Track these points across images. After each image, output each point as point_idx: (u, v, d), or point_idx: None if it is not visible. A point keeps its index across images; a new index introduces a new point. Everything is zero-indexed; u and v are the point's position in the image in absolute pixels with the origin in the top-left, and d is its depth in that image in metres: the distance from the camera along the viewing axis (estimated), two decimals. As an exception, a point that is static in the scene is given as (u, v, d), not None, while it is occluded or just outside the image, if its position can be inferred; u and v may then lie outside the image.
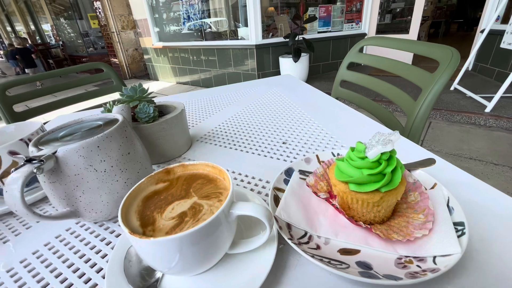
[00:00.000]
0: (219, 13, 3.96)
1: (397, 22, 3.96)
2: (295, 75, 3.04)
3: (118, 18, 5.14)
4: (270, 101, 0.67)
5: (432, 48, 0.57)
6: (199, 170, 0.26)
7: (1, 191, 0.35)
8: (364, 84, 0.80)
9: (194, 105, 0.71)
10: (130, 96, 0.39)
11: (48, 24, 8.82)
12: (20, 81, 0.99)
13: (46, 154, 0.24)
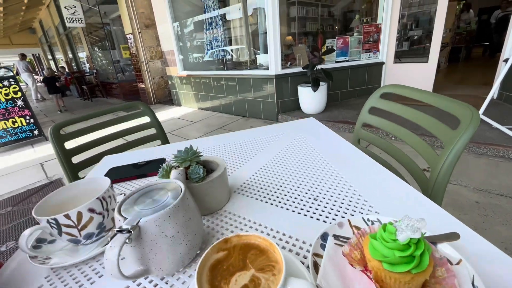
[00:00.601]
0: (240, 42, 4.21)
1: (415, 49, 4.00)
2: (314, 104, 3.12)
3: (147, 49, 5.59)
4: (297, 149, 0.72)
5: (452, 104, 0.61)
6: (251, 241, 0.31)
7: (78, 241, 0.41)
8: (386, 129, 0.83)
9: (227, 151, 0.77)
10: (184, 158, 0.45)
11: (84, 53, 9.71)
12: (72, 121, 1.11)
13: (132, 225, 0.30)
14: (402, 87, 0.78)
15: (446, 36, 6.04)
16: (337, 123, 2.83)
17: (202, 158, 0.49)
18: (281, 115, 3.36)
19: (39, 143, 4.00)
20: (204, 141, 0.89)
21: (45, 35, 13.30)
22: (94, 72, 8.52)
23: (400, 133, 0.76)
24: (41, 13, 11.19)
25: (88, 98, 8.08)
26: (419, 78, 3.59)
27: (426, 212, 0.42)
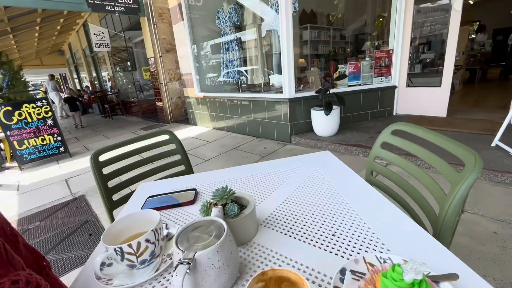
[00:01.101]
0: (254, 63, 4.40)
1: (428, 72, 4.06)
2: (327, 126, 3.19)
3: (167, 71, 5.92)
4: (315, 183, 0.79)
5: (457, 148, 0.67)
6: (284, 274, 0.38)
7: (134, 266, 0.50)
8: (397, 163, 0.89)
9: (250, 183, 0.86)
10: (221, 196, 0.54)
11: (107, 73, 10.34)
12: (109, 148, 1.23)
13: (189, 258, 0.38)
14: (412, 126, 0.85)
15: (459, 59, 6.07)
16: (350, 146, 2.87)
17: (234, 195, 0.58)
18: (294, 137, 3.44)
19: (64, 160, 4.23)
20: (227, 173, 0.98)
21: (72, 57, 14.30)
22: (116, 92, 9.01)
23: (411, 169, 0.82)
24: (70, 37, 12.12)
25: (109, 116, 8.50)
26: (432, 102, 3.61)
27: (433, 252, 0.48)
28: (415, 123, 3.36)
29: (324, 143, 3.10)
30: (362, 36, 6.80)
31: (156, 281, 0.49)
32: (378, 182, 0.99)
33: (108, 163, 1.19)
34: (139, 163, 1.31)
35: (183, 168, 1.40)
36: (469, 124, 3.11)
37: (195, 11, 4.86)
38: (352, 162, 2.64)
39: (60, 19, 8.32)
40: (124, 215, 0.54)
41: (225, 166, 2.99)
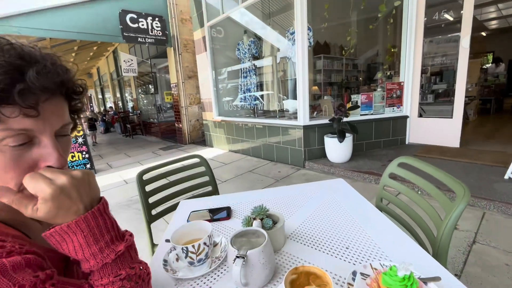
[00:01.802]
0: (269, 88, 4.68)
1: (440, 102, 4.17)
2: (340, 153, 3.32)
3: (188, 96, 6.33)
4: (331, 207, 0.94)
5: (451, 180, 0.81)
6: (311, 270, 0.53)
7: (193, 263, 0.65)
8: (402, 192, 1.03)
9: (274, 204, 1.01)
10: (259, 212, 0.70)
11: (131, 95, 11.04)
12: (152, 168, 1.42)
13: (243, 254, 0.54)
14: (415, 160, 0.99)
15: (472, 90, 6.15)
16: (362, 173, 2.97)
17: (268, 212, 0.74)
18: (308, 162, 3.58)
19: (89, 176, 4.51)
20: (253, 194, 1.14)
21: (99, 79, 15.40)
22: (138, 113, 9.56)
23: (413, 197, 0.96)
24: (100, 62, 13.16)
25: (129, 135, 8.96)
26: (445, 132, 3.69)
27: (427, 266, 0.61)
28: (427, 152, 3.44)
29: (337, 169, 3.22)
30: (374, 65, 7.07)
31: (209, 276, 0.64)
32: (386, 208, 1.12)
33: (150, 182, 1.38)
34: (174, 182, 1.48)
35: (210, 188, 1.57)
36: (482, 156, 3.16)
37: (217, 42, 5.31)
38: (364, 189, 2.73)
39: (94, 47, 9.17)
40: (186, 224, 0.71)
41: (241, 188, 3.14)
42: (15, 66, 0.37)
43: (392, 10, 4.02)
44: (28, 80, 0.37)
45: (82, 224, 0.41)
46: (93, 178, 0.45)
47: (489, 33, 10.20)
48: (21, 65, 0.37)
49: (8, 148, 0.37)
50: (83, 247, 0.41)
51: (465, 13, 3.32)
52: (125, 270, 0.44)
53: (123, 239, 0.46)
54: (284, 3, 4.40)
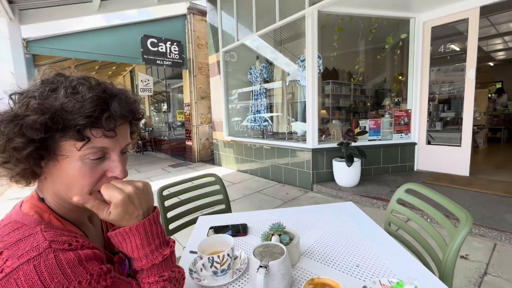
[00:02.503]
0: (279, 110, 4.83)
1: (448, 129, 4.20)
2: (348, 178, 3.36)
3: (199, 115, 6.55)
4: (342, 228, 1.00)
5: (455, 207, 0.87)
6: (326, 281, 0.59)
7: (216, 272, 0.72)
8: (410, 217, 1.08)
9: (287, 224, 1.08)
10: (277, 229, 0.77)
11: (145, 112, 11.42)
12: (171, 185, 1.52)
13: (266, 265, 0.61)
14: (421, 187, 1.06)
15: (481, 119, 6.18)
16: (371, 198, 2.98)
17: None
18: (316, 185, 3.61)
19: (100, 190, 4.62)
20: (266, 213, 1.21)
21: (115, 96, 16.06)
22: (150, 130, 9.85)
23: (420, 223, 1.01)
24: (117, 80, 13.79)
25: (140, 151, 9.18)
26: (454, 160, 3.70)
27: (433, 286, 0.66)
28: (436, 180, 3.44)
29: (346, 193, 3.24)
30: (382, 91, 7.22)
31: (231, 285, 0.71)
32: (394, 232, 1.16)
33: (168, 198, 1.46)
34: (189, 199, 1.56)
35: (224, 206, 1.64)
36: (493, 185, 3.14)
37: (230, 66, 5.59)
38: (373, 214, 2.73)
39: (113, 67, 9.70)
40: (210, 236, 0.79)
41: (249, 208, 3.18)
42: (103, 99, 0.48)
43: (399, 42, 4.22)
44: (112, 109, 0.48)
45: (140, 228, 0.50)
46: (150, 188, 0.55)
47: (496, 63, 10.35)
48: (107, 97, 0.49)
49: (89, 160, 0.48)
50: (139, 247, 0.50)
51: (470, 46, 3.47)
52: (168, 272, 0.52)
53: (168, 244, 0.55)
54: (295, 32, 4.67)
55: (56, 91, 0.46)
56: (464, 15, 3.46)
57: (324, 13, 3.60)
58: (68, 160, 0.47)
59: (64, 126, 0.45)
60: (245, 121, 5.47)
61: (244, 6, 4.86)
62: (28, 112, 0.44)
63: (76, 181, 0.48)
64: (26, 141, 0.44)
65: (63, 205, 0.51)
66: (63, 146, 0.46)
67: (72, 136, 0.45)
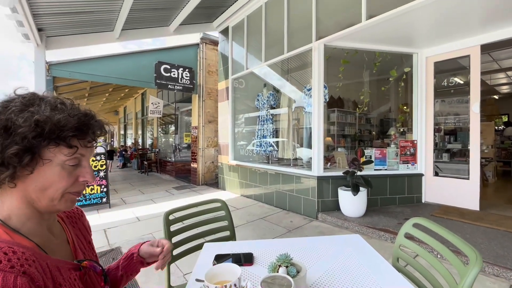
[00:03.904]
0: (284, 136, 4.87)
1: (456, 161, 4.16)
2: (354, 207, 3.30)
3: (206, 139, 6.66)
4: (348, 261, 0.99)
5: (464, 245, 0.86)
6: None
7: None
8: (418, 253, 1.06)
9: (294, 255, 1.07)
10: (284, 260, 0.77)
11: (152, 133, 11.66)
12: (178, 209, 1.52)
13: None
14: (429, 222, 1.05)
15: (488, 152, 6.12)
16: (377, 230, 2.91)
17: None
18: (321, 213, 3.55)
19: (103, 209, 4.60)
20: (272, 243, 1.20)
21: (124, 117, 16.53)
22: (156, 151, 9.98)
23: (430, 259, 0.99)
24: (128, 102, 14.31)
25: (145, 172, 9.23)
26: (462, 193, 3.63)
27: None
28: (445, 214, 3.35)
29: (351, 224, 3.16)
30: (387, 120, 7.30)
31: (236, 318, 0.70)
32: (403, 269, 1.13)
33: (174, 222, 1.47)
34: (194, 224, 1.56)
35: (228, 233, 1.62)
36: (505, 222, 3.04)
37: (238, 92, 5.79)
38: (380, 247, 2.64)
39: (126, 89, 10.12)
40: (217, 265, 0.79)
41: (252, 235, 3.12)
42: (88, 116, 0.60)
43: (402, 75, 4.35)
44: (95, 125, 0.60)
45: None
46: None
47: (501, 96, 10.46)
48: (90, 115, 0.61)
49: (68, 166, 0.56)
50: None
51: (473, 81, 3.56)
52: None
53: None
54: (301, 62, 4.88)
55: (54, 109, 0.55)
56: (465, 52, 3.60)
57: (330, 46, 3.79)
58: (49, 165, 0.54)
59: (57, 136, 0.53)
60: (250, 145, 5.54)
61: (254, 37, 5.15)
62: (23, 123, 0.50)
63: (54, 184, 0.55)
64: (22, 148, 0.50)
65: (22, 214, 0.55)
66: (48, 152, 0.54)
67: (62, 144, 0.54)
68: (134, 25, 5.03)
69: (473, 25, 3.20)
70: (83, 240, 0.74)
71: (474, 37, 3.46)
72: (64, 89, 7.73)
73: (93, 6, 3.95)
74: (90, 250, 0.75)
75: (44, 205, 0.55)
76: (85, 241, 0.75)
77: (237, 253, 1.05)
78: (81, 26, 4.51)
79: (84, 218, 0.80)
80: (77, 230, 0.74)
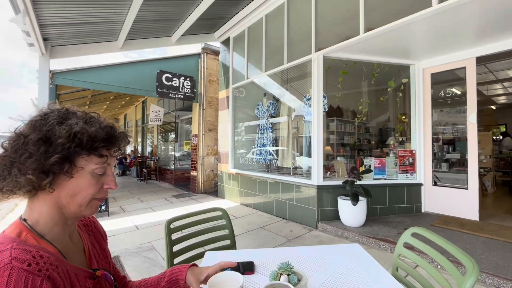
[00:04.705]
0: (284, 144, 4.90)
1: (455, 171, 4.17)
2: (354, 217, 3.30)
3: (206, 147, 6.68)
4: (348, 270, 1.00)
5: (461, 255, 0.88)
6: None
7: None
8: (417, 262, 1.07)
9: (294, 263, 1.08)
10: (285, 268, 0.79)
11: (151, 141, 11.68)
12: (179, 217, 1.54)
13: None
14: (427, 231, 1.07)
15: (487, 162, 6.15)
16: (377, 240, 2.90)
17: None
18: (321, 223, 3.54)
19: (102, 217, 4.57)
20: (272, 251, 1.21)
21: (124, 125, 16.58)
22: (156, 159, 9.98)
23: (428, 269, 1.00)
24: (129, 109, 14.39)
25: (144, 180, 9.20)
26: (462, 203, 3.63)
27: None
28: (445, 224, 3.35)
29: (351, 233, 3.16)
30: (385, 129, 7.36)
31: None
32: (403, 278, 1.14)
33: (176, 231, 1.48)
34: (195, 233, 1.57)
35: (228, 242, 1.63)
36: (505, 232, 3.04)
37: (238, 101, 5.86)
38: (380, 257, 2.63)
39: (127, 97, 10.20)
40: (220, 273, 0.80)
41: (252, 245, 3.10)
42: (113, 128, 0.65)
43: (400, 85, 4.43)
44: (120, 136, 0.66)
45: None
46: None
47: (498, 106, 10.59)
48: (112, 130, 0.64)
49: (96, 174, 0.61)
50: None
51: (469, 92, 3.62)
52: None
53: None
54: (301, 72, 4.96)
55: (88, 122, 0.61)
56: (461, 64, 3.68)
57: (329, 58, 3.87)
58: (81, 172, 0.59)
59: (91, 147, 0.59)
60: (250, 153, 5.56)
61: (254, 48, 5.25)
62: (61, 134, 0.56)
63: (83, 190, 0.59)
64: (62, 156, 0.55)
65: (50, 219, 0.58)
66: (81, 161, 0.59)
67: (94, 154, 0.59)
68: (137, 35, 5.13)
69: (467, 39, 3.29)
70: (98, 248, 0.76)
71: (469, 50, 3.55)
72: (65, 96, 7.80)
73: (98, 17, 4.04)
74: (104, 257, 0.77)
75: (72, 210, 0.60)
76: (100, 249, 0.77)
77: (239, 262, 1.06)
78: (86, 36, 4.61)
79: (97, 224, 0.84)
80: (93, 238, 0.77)
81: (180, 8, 4.45)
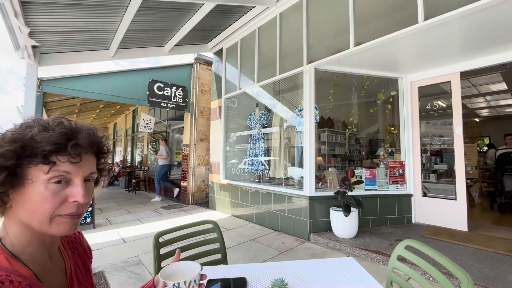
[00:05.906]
0: (276, 155, 4.89)
1: (443, 181, 4.25)
2: (346, 228, 3.29)
3: (197, 157, 6.61)
4: (342, 286, 0.98)
5: (455, 268, 0.87)
6: None
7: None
8: (411, 276, 1.06)
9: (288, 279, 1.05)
10: (279, 285, 0.76)
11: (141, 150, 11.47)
12: (168, 231, 1.48)
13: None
14: (421, 244, 1.06)
15: (473, 173, 6.31)
16: (370, 252, 2.88)
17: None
18: (313, 235, 3.51)
19: (87, 230, 4.39)
20: (265, 267, 1.18)
21: (114, 134, 16.29)
22: (146, 168, 9.78)
23: (422, 282, 0.99)
24: (119, 119, 14.18)
25: (133, 190, 8.97)
26: (451, 214, 3.68)
27: None
28: (435, 234, 3.38)
29: (344, 245, 3.13)
30: (375, 140, 7.48)
31: None
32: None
33: (166, 244, 1.42)
34: (185, 247, 1.51)
35: (219, 256, 1.58)
36: (493, 243, 3.08)
37: (230, 111, 5.86)
38: (373, 270, 2.61)
39: (117, 106, 10.06)
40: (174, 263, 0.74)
41: (243, 258, 3.03)
42: (71, 131, 0.55)
43: (389, 98, 4.54)
44: (79, 138, 0.55)
45: None
46: None
47: (482, 119, 11.00)
48: (74, 130, 0.56)
49: (52, 185, 0.52)
50: None
51: (454, 105, 3.75)
52: None
53: None
54: (293, 84, 5.03)
55: (31, 128, 0.53)
56: (446, 78, 3.82)
57: (320, 70, 3.95)
58: (32, 185, 0.51)
59: (32, 153, 0.50)
60: (241, 163, 5.52)
61: (247, 59, 5.32)
62: (2, 143, 0.50)
63: (38, 206, 0.51)
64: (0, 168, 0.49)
65: (22, 237, 0.53)
66: (29, 172, 0.51)
67: (39, 161, 0.51)
68: (130, 44, 5.12)
69: (452, 55, 3.43)
70: (81, 267, 0.70)
71: (453, 65, 3.70)
72: (53, 104, 7.62)
73: (91, 26, 4.02)
74: (88, 278, 0.72)
75: (37, 229, 0.53)
76: (84, 269, 0.71)
77: (230, 278, 1.02)
78: (76, 44, 4.56)
79: (83, 241, 0.77)
80: (77, 257, 0.71)
81: (174, 19, 4.49)
